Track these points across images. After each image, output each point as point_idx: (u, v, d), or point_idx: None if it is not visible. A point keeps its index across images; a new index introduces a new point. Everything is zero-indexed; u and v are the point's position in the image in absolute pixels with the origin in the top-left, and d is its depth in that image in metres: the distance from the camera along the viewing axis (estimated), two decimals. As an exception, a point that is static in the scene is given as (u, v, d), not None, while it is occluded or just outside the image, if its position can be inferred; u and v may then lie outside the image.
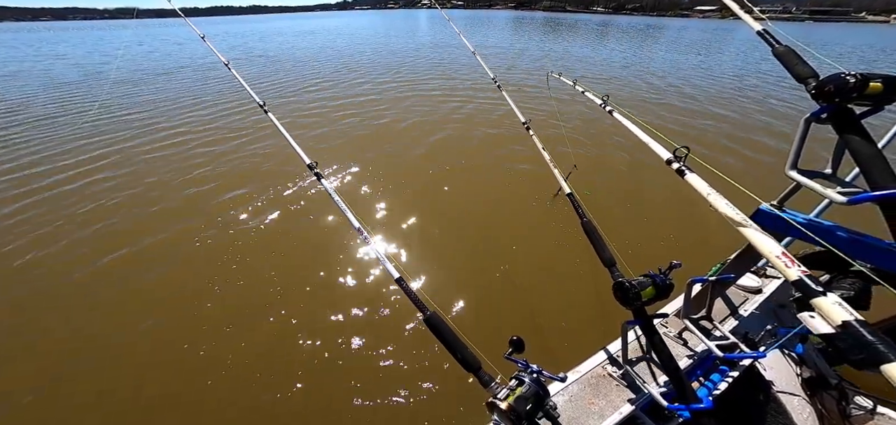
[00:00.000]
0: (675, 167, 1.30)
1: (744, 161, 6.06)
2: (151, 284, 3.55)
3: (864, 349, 0.73)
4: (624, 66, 15.60)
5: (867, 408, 1.54)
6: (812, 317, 0.87)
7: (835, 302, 0.79)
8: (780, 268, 0.88)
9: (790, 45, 1.28)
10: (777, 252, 0.90)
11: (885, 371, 0.70)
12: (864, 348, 0.73)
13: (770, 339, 1.61)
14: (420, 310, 1.30)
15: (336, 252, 3.90)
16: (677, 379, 1.20)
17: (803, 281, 0.83)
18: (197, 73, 14.24)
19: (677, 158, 1.31)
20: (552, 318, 3.13)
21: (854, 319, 0.75)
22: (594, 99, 2.14)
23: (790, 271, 0.86)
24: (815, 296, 0.81)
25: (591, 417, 1.32)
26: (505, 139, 6.88)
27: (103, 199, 4.97)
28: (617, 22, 63.97)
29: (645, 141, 1.51)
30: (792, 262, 0.87)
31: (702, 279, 1.61)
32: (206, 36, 2.99)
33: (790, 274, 0.86)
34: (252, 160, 6.16)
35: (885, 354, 0.71)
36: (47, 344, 2.97)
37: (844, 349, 0.76)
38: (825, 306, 0.79)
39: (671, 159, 1.33)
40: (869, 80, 1.00)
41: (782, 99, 10.20)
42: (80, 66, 16.69)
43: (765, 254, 0.93)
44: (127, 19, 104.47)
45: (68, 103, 10.07)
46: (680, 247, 3.97)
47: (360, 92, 10.74)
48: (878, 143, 1.05)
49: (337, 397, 2.56)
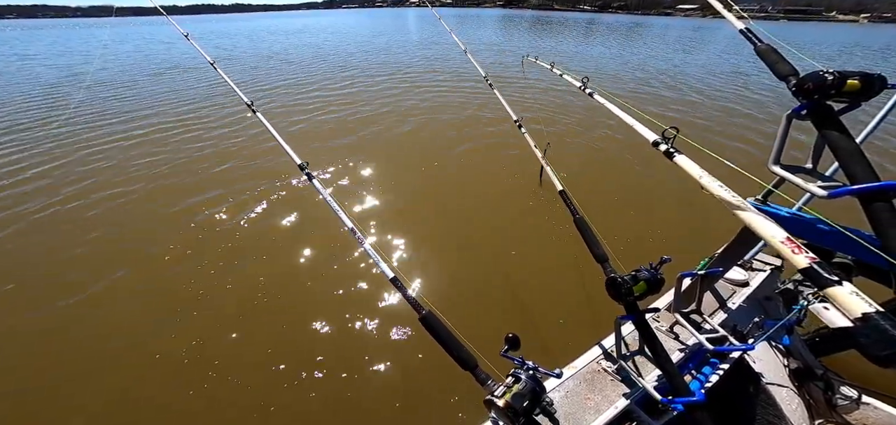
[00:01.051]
0: (662, 149, 1.25)
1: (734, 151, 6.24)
2: (133, 289, 3.45)
3: (890, 343, 0.63)
4: (614, 59, 15.83)
5: (853, 398, 1.59)
6: (826, 309, 0.79)
7: (852, 291, 0.69)
8: (786, 255, 0.78)
9: (771, 44, 1.31)
10: (781, 237, 0.81)
11: None
12: (891, 343, 0.63)
13: (758, 331, 1.65)
14: (415, 309, 1.30)
15: (329, 253, 3.86)
16: (670, 373, 1.22)
17: (814, 269, 0.73)
18: (183, 73, 13.87)
19: (665, 139, 1.25)
20: (547, 315, 3.16)
21: (875, 311, 0.66)
22: (573, 81, 2.09)
23: (798, 258, 0.76)
24: (829, 285, 0.70)
25: (587, 412, 1.33)
26: (497, 137, 6.91)
27: (87, 208, 4.81)
28: (603, 20, 64.88)
29: (629, 123, 1.46)
30: (799, 249, 0.77)
31: (691, 273, 1.64)
32: (189, 34, 2.91)
33: (798, 261, 0.75)
34: (238, 160, 6.04)
35: None
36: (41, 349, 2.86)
37: (866, 344, 0.67)
38: (842, 297, 0.69)
39: (658, 141, 1.27)
40: (846, 77, 1.03)
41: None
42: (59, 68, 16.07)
43: (767, 239, 0.84)
44: (103, 17, 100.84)
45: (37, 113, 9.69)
46: (670, 241, 4.05)
47: (352, 91, 10.63)
48: (856, 139, 1.08)
49: (332, 398, 2.54)
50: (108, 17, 58.94)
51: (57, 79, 13.42)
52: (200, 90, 10.98)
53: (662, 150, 1.25)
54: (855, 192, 0.98)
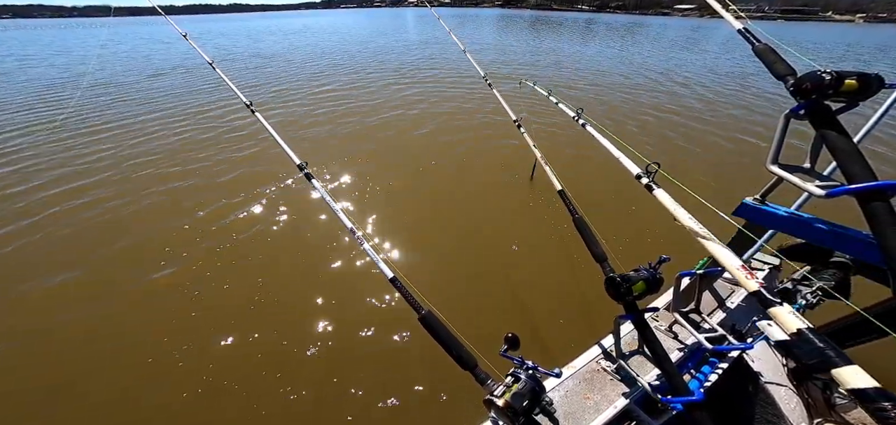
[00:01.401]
0: (644, 182, 1.37)
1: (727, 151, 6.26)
2: (133, 292, 3.44)
3: (816, 354, 0.78)
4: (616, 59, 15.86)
5: (851, 397, 1.59)
6: (770, 325, 0.93)
7: (789, 311, 0.84)
8: (740, 280, 0.93)
9: (769, 44, 1.31)
10: (737, 265, 0.96)
11: (836, 375, 0.76)
12: (817, 354, 0.78)
13: (756, 331, 1.65)
14: (415, 309, 1.30)
15: (328, 253, 3.85)
16: (669, 372, 1.22)
17: (761, 293, 0.88)
18: (182, 75, 13.84)
19: (647, 174, 1.37)
20: (547, 315, 3.16)
21: (806, 327, 0.81)
22: (567, 111, 2.19)
23: (749, 283, 0.91)
24: (772, 305, 0.86)
25: (586, 412, 1.33)
26: (496, 137, 6.91)
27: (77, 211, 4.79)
28: (601, 19, 64.99)
29: (616, 156, 1.58)
30: (750, 275, 0.92)
31: (690, 273, 1.64)
32: (188, 34, 2.91)
33: (749, 285, 0.91)
34: (237, 161, 6.02)
35: (834, 359, 0.76)
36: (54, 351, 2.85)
37: (799, 355, 0.81)
38: (781, 316, 0.84)
39: (641, 175, 1.40)
40: (844, 77, 1.03)
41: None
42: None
43: (726, 266, 0.99)
44: (100, 17, 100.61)
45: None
46: (669, 241, 4.05)
47: (351, 92, 10.61)
48: (854, 138, 1.09)
49: (330, 398, 2.53)
50: (107, 17, 59.46)
51: (53, 80, 13.37)
52: (199, 90, 10.95)
53: (644, 184, 1.37)
54: (853, 192, 0.99)
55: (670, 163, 5.77)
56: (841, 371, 0.76)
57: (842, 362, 0.76)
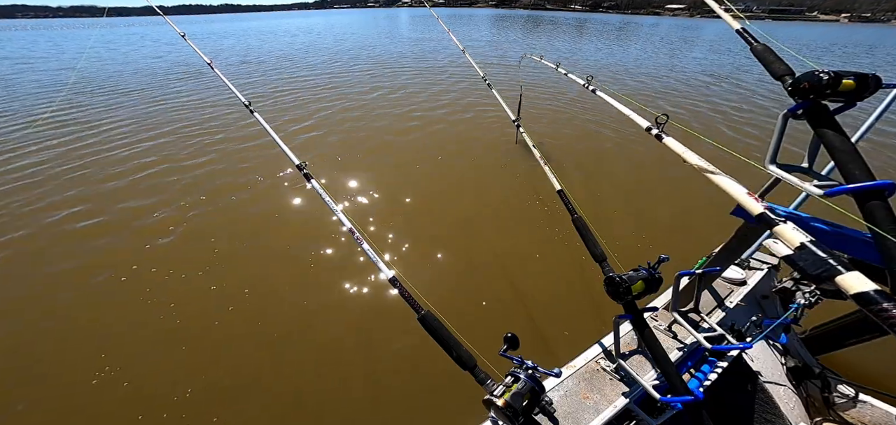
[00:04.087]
0: (654, 133, 1.39)
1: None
2: (124, 295, 3.39)
3: (820, 264, 0.81)
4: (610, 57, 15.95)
5: (850, 396, 1.60)
6: (775, 243, 0.95)
7: (792, 227, 0.89)
8: (747, 205, 0.99)
9: (767, 44, 1.32)
10: (742, 192, 1.02)
11: (840, 282, 0.78)
12: (820, 263, 0.81)
13: (755, 330, 1.66)
14: (414, 309, 1.29)
15: (327, 253, 3.83)
16: (668, 372, 1.22)
17: (765, 213, 0.95)
18: (180, 74, 13.67)
19: (657, 124, 1.39)
20: (546, 315, 3.15)
21: (809, 241, 0.85)
22: (577, 80, 2.24)
23: (755, 206, 0.98)
24: (776, 224, 0.91)
25: (586, 412, 1.33)
26: (496, 137, 6.90)
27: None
28: (594, 19, 65.37)
29: (626, 113, 1.61)
30: (757, 200, 0.99)
31: (689, 272, 1.65)
32: (186, 34, 2.87)
33: (754, 208, 0.98)
34: (236, 162, 5.95)
35: (836, 268, 0.79)
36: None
37: (803, 266, 0.84)
38: (785, 232, 0.89)
39: (651, 126, 1.41)
40: (842, 77, 1.04)
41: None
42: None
43: (732, 194, 1.04)
44: (87, 18, 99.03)
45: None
46: (668, 241, 4.08)
47: (352, 91, 10.55)
48: (851, 138, 1.09)
49: (330, 398, 2.52)
50: (100, 18, 57.87)
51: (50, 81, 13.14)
52: (198, 90, 10.83)
53: (654, 134, 1.40)
54: (851, 191, 0.99)
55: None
56: (844, 277, 0.77)
57: (844, 269, 0.78)
